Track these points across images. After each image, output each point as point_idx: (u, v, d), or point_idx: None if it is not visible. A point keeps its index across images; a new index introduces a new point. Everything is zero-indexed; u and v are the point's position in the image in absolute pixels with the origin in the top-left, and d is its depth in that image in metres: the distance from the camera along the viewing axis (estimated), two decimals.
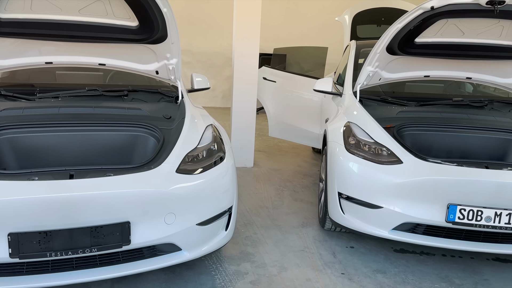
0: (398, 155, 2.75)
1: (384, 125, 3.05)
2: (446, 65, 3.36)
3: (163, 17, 2.57)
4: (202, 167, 2.44)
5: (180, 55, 2.98)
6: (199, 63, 10.11)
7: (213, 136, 2.69)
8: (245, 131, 5.17)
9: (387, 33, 3.05)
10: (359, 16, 5.89)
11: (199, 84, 3.69)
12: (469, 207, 2.51)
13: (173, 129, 2.67)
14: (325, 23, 10.06)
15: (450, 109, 3.39)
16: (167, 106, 3.04)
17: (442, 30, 2.98)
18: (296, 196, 4.21)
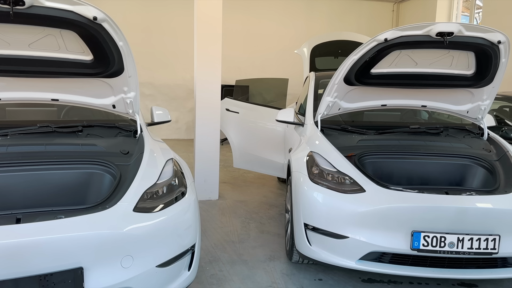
0: (360, 184, 2.75)
1: (345, 154, 3.06)
2: (401, 94, 3.46)
3: (119, 51, 2.51)
4: (162, 204, 2.34)
5: (138, 88, 2.91)
6: (161, 95, 10.03)
7: (174, 171, 2.60)
8: (209, 163, 5.08)
9: (344, 65, 3.11)
10: (317, 48, 6.07)
11: (159, 117, 3.61)
12: (432, 234, 2.52)
13: (130, 165, 2.56)
14: (285, 54, 10.30)
15: (407, 136, 3.47)
16: (125, 141, 2.93)
17: (396, 61, 3.08)
18: (263, 228, 4.12)
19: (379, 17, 11.05)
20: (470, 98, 3.35)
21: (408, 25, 2.78)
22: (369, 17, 10.94)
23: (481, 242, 2.49)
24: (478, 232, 2.50)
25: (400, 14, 11.05)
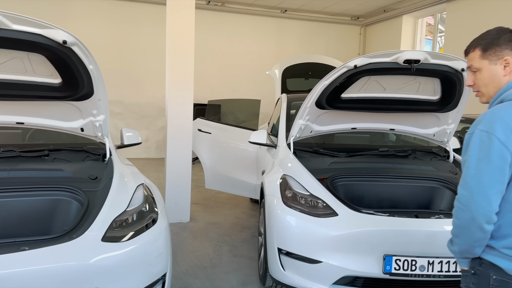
0: (333, 207, 2.77)
1: (318, 176, 3.09)
2: (371, 117, 3.54)
3: (88, 74, 2.46)
4: (132, 232, 2.26)
5: (108, 111, 2.85)
6: (130, 113, 9.87)
7: (145, 196, 2.54)
8: (181, 184, 5.01)
9: (315, 89, 3.16)
10: (288, 70, 6.18)
11: (129, 139, 3.53)
12: (403, 257, 2.56)
13: (99, 191, 2.48)
14: (257, 74, 10.41)
15: (377, 159, 3.54)
16: (93, 165, 2.84)
17: (365, 86, 3.16)
18: (236, 251, 4.07)
19: (347, 40, 11.38)
20: (436, 122, 3.47)
21: (377, 53, 2.86)
22: (337, 39, 11.25)
23: (450, 265, 2.54)
24: (448, 255, 2.54)
25: (367, 37, 11.43)
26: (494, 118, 1.43)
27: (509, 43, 1.54)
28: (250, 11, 10.39)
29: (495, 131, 1.40)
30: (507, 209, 1.43)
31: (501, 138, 1.39)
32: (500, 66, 1.54)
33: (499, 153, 1.39)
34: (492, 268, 1.47)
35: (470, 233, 1.45)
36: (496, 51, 1.54)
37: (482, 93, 1.61)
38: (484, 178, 1.40)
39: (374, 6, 9.96)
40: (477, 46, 1.59)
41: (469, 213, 1.42)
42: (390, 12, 10.12)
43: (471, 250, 1.49)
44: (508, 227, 1.44)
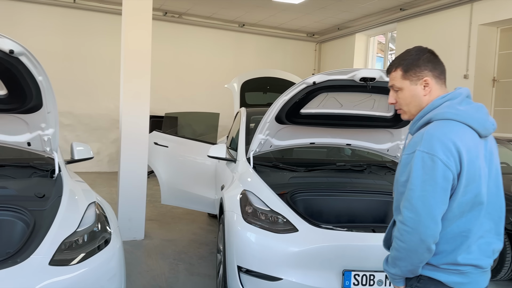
0: (293, 223, 2.76)
1: (278, 191, 3.07)
2: (328, 133, 3.60)
3: (37, 86, 2.31)
4: (83, 254, 2.13)
5: (57, 125, 2.69)
6: (81, 125, 9.47)
7: (97, 215, 2.40)
8: (135, 200, 4.82)
9: (275, 104, 3.17)
10: (246, 84, 6.19)
11: (80, 154, 3.36)
12: (362, 272, 2.58)
13: (46, 210, 2.32)
14: (215, 87, 10.38)
15: (335, 173, 3.59)
16: (41, 182, 2.66)
17: (323, 102, 3.21)
18: (193, 269, 3.95)
19: (303, 55, 11.65)
20: (390, 137, 3.58)
21: (335, 70, 2.92)
22: (294, 54, 11.48)
23: None
24: None
25: (322, 53, 11.76)
26: (432, 139, 1.43)
27: (428, 64, 1.57)
28: (208, 24, 10.38)
29: (436, 152, 1.40)
30: (444, 226, 1.45)
31: (443, 159, 1.40)
32: (420, 86, 1.56)
33: (443, 174, 1.40)
34: (431, 283, 1.49)
35: (417, 255, 1.44)
36: (416, 72, 1.56)
37: (404, 111, 1.63)
38: (430, 200, 1.40)
39: (329, 24, 10.28)
40: (398, 66, 1.60)
41: (418, 236, 1.41)
42: (343, 30, 10.49)
43: (415, 271, 1.49)
44: (444, 243, 1.47)
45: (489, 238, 1.51)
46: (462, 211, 1.45)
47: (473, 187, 1.44)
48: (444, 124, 1.46)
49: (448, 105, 1.50)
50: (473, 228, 1.47)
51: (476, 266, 1.47)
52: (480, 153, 1.47)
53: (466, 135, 1.45)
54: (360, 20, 9.68)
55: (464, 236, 1.46)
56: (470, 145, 1.44)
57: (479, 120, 1.49)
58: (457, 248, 1.46)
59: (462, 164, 1.41)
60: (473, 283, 1.48)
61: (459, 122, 1.47)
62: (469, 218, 1.46)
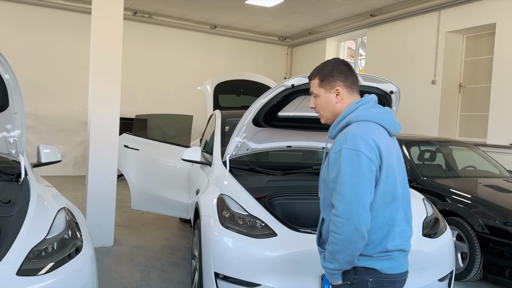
0: (272, 227, 2.71)
1: (255, 195, 3.03)
2: (305, 136, 3.59)
3: (3, 85, 2.17)
4: (53, 263, 2.00)
5: (24, 126, 2.54)
6: (45, 127, 9.09)
7: (67, 222, 2.27)
8: (104, 204, 4.64)
9: (252, 107, 3.13)
10: (220, 86, 6.12)
11: (47, 157, 3.19)
12: None
13: (13, 217, 2.17)
14: (185, 89, 10.24)
15: (311, 177, 3.58)
16: (6, 186, 2.50)
17: (301, 105, 3.19)
18: (165, 276, 3.83)
19: (275, 59, 11.69)
20: None
21: None
22: (266, 58, 11.50)
23: None
24: None
25: (293, 57, 11.84)
26: (355, 137, 1.58)
27: (341, 75, 1.74)
28: (179, 25, 10.23)
29: (360, 148, 1.56)
30: (372, 216, 1.58)
31: (366, 154, 1.55)
32: (333, 94, 1.75)
33: (368, 166, 1.55)
34: (367, 272, 1.60)
35: (354, 244, 1.54)
36: (330, 82, 1.74)
37: (321, 115, 1.83)
38: (360, 191, 1.54)
39: (300, 28, 10.37)
40: (316, 75, 1.79)
41: (353, 225, 1.52)
42: (315, 35, 10.60)
43: (352, 261, 1.59)
44: (374, 234, 1.60)
45: (404, 226, 1.68)
46: (385, 201, 1.61)
47: (391, 178, 1.62)
48: (362, 124, 1.64)
49: (363, 109, 1.69)
50: (396, 217, 1.64)
51: (402, 250, 1.64)
52: (392, 149, 1.66)
53: (381, 133, 1.65)
54: (331, 25, 9.82)
55: (390, 225, 1.62)
56: (385, 141, 1.63)
57: (389, 121, 1.71)
58: (386, 237, 1.61)
59: (382, 158, 1.59)
60: (400, 266, 1.64)
61: (374, 122, 1.66)
62: (392, 208, 1.63)
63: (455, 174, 5.15)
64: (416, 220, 2.92)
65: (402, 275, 1.65)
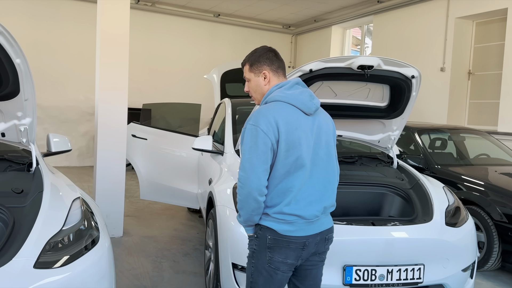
0: None
1: None
2: None
3: (14, 70, 2.07)
4: (69, 255, 1.93)
5: (35, 114, 2.45)
6: (49, 118, 9.00)
7: (82, 212, 2.20)
8: (113, 195, 4.58)
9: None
10: (226, 74, 6.02)
11: (57, 146, 3.11)
12: (363, 267, 2.50)
13: (27, 207, 2.09)
14: (189, 78, 10.13)
15: None
16: (17, 176, 2.42)
17: (317, 92, 3.09)
18: (177, 267, 3.77)
19: (279, 47, 11.42)
20: (382, 128, 3.52)
21: (332, 57, 2.82)
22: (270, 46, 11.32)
23: (408, 272, 2.53)
24: (405, 263, 2.54)
25: (298, 45, 11.69)
26: (259, 115, 1.81)
27: (267, 61, 1.96)
28: (182, 13, 10.07)
29: (259, 124, 1.77)
30: (274, 184, 1.80)
31: (264, 129, 1.76)
32: (261, 78, 1.96)
33: (263, 140, 1.76)
34: (268, 231, 1.83)
35: (248, 205, 1.79)
36: (258, 67, 1.96)
37: (254, 98, 2.03)
38: (254, 160, 1.76)
39: (305, 15, 10.20)
40: (247, 61, 2.00)
41: (247, 189, 1.77)
42: (320, 22, 10.44)
43: (251, 218, 1.83)
44: (276, 198, 1.81)
45: (315, 196, 1.86)
46: (288, 171, 1.80)
47: (294, 151, 1.80)
48: (271, 104, 1.85)
49: (278, 91, 1.90)
50: (297, 185, 1.81)
51: (300, 216, 1.82)
52: (301, 125, 1.83)
53: (288, 112, 1.83)
54: (337, 12, 9.65)
55: (290, 191, 1.81)
56: (289, 119, 1.81)
57: (301, 101, 1.88)
58: (284, 201, 1.80)
59: (280, 133, 1.78)
60: (298, 231, 1.82)
61: (285, 102, 1.86)
62: (294, 177, 1.81)
63: (467, 162, 5.07)
64: (438, 208, 2.85)
65: (299, 238, 1.83)
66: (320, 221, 1.90)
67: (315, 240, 1.88)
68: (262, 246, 1.84)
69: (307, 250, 1.86)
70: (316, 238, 1.88)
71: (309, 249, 1.87)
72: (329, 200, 1.92)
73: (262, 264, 1.84)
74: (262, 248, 1.84)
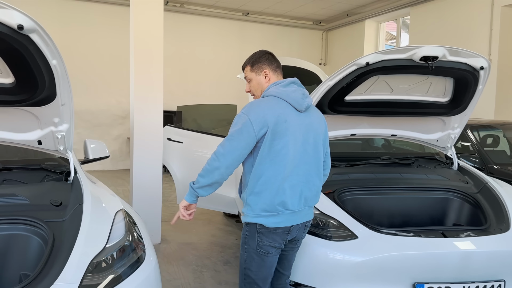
0: (350, 228, 2.38)
1: (323, 190, 2.69)
2: (372, 122, 3.22)
3: (51, 72, 1.90)
4: (114, 276, 1.74)
5: (72, 120, 2.28)
6: (82, 122, 9.02)
7: (126, 226, 2.01)
8: (150, 201, 4.43)
9: (316, 91, 2.78)
10: None
11: (95, 153, 2.97)
12: (436, 285, 2.22)
13: (66, 222, 1.92)
14: (219, 79, 9.96)
15: (381, 168, 3.21)
16: (55, 187, 2.26)
17: (372, 87, 2.82)
18: (219, 277, 3.57)
19: (310, 44, 11.22)
20: (441, 126, 3.20)
21: (391, 49, 2.54)
22: (300, 44, 11.05)
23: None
24: (483, 279, 2.24)
25: (329, 42, 11.34)
26: (252, 106, 1.99)
27: (267, 61, 2.15)
28: (211, 13, 9.92)
29: (249, 114, 1.95)
30: (259, 172, 1.98)
31: (251, 119, 1.93)
32: (262, 76, 2.14)
33: (247, 129, 1.92)
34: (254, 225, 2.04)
35: (212, 176, 1.97)
36: (259, 67, 2.14)
37: (255, 96, 2.19)
38: (235, 143, 1.93)
39: (337, 10, 9.85)
40: (248, 63, 2.19)
41: (218, 163, 1.95)
42: (353, 17, 10.06)
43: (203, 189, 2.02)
44: (260, 186, 1.98)
45: (298, 188, 2.02)
46: (272, 159, 1.95)
47: (279, 141, 1.95)
48: (266, 99, 2.04)
49: (275, 87, 2.07)
50: (281, 174, 1.97)
51: (285, 207, 1.99)
52: (290, 119, 1.99)
53: (280, 105, 2.00)
54: (371, 6, 9.25)
55: (274, 179, 1.97)
56: (280, 112, 1.98)
57: (294, 98, 2.04)
58: (267, 190, 1.97)
59: (269, 124, 1.94)
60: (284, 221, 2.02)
61: (278, 97, 2.03)
62: (279, 166, 1.96)
63: None
64: None
65: (285, 228, 2.01)
66: (304, 213, 2.08)
67: (297, 227, 2.07)
68: (253, 231, 2.02)
69: (290, 235, 2.06)
70: (299, 226, 2.07)
71: (292, 234, 2.07)
72: (311, 193, 2.09)
73: (254, 248, 2.03)
74: (252, 233, 2.02)
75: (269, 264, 2.05)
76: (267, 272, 2.07)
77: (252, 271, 2.05)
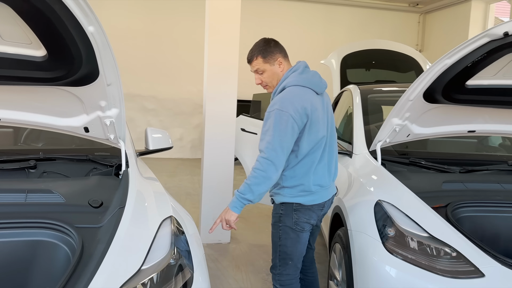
0: (473, 261, 1.72)
1: (431, 204, 2.04)
2: (498, 115, 2.45)
3: (88, 42, 1.52)
4: None
5: (123, 103, 1.91)
6: (165, 110, 9.08)
7: (173, 240, 1.58)
8: (220, 196, 4.08)
9: (427, 74, 2.11)
10: (347, 59, 5.17)
11: (156, 143, 2.62)
12: None
13: (102, 229, 1.55)
14: None
15: (509, 177, 2.44)
16: (100, 183, 1.92)
17: (505, 69, 2.08)
18: None
19: (404, 29, 10.12)
20: None
21: None
22: (393, 28, 10.01)
23: None
24: None
25: (426, 26, 10.12)
26: (286, 100, 1.97)
27: (277, 48, 2.14)
28: None
29: (288, 110, 1.94)
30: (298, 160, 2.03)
31: (292, 115, 1.94)
32: (277, 65, 2.13)
33: (292, 125, 1.94)
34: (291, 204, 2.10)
35: (268, 182, 1.94)
36: (272, 56, 2.12)
37: (269, 86, 2.19)
38: (285, 144, 1.94)
39: None
40: (259, 54, 2.13)
41: (274, 167, 1.92)
42: None
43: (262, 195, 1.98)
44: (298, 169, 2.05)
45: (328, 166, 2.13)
46: (312, 148, 2.03)
47: (317, 129, 2.02)
48: (293, 90, 2.02)
49: (293, 75, 2.08)
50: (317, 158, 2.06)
51: (320, 185, 2.08)
52: (317, 106, 2.04)
53: (308, 95, 2.03)
54: None
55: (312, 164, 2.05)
56: (310, 101, 2.01)
57: (314, 83, 2.08)
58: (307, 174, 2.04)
59: (308, 115, 1.98)
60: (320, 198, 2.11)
61: (302, 86, 2.04)
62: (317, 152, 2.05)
63: None
64: None
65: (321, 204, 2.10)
66: (332, 187, 2.18)
67: (328, 203, 2.15)
68: (289, 210, 2.06)
69: (324, 210, 2.14)
70: (329, 201, 2.16)
71: (325, 210, 2.16)
72: (335, 168, 2.19)
73: (289, 226, 2.06)
74: (288, 211, 2.06)
75: (303, 240, 2.11)
76: (302, 248, 2.12)
77: (287, 247, 2.09)
